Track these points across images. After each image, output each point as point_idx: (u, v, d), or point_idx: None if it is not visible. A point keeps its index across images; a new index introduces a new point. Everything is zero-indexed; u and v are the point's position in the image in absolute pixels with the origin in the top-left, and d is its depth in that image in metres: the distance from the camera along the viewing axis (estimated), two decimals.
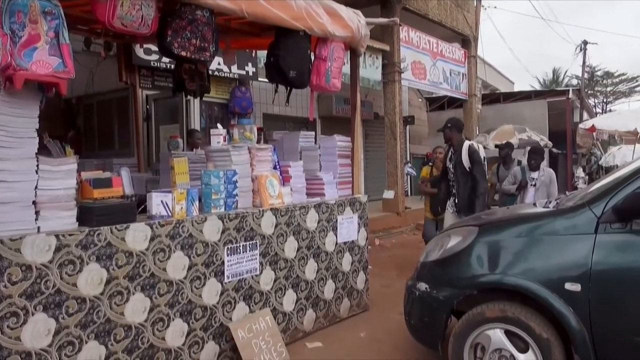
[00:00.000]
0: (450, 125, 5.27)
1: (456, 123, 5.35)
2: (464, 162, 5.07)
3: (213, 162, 3.55)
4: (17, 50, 2.24)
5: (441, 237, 3.24)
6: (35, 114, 2.48)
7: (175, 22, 3.22)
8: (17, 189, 2.39)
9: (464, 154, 5.08)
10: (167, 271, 2.90)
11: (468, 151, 5.08)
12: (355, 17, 4.24)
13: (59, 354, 2.44)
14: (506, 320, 2.69)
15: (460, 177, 5.13)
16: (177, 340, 2.97)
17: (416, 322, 3.11)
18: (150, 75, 6.80)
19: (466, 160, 5.07)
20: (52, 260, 2.41)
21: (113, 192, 2.89)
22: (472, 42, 13.05)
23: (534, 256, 2.70)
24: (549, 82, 36.05)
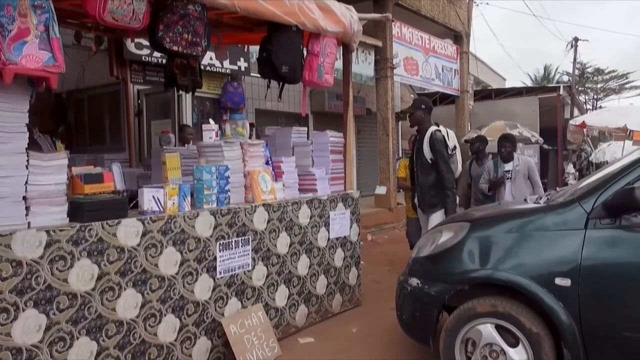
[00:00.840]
0: (424, 107, 4.55)
1: (428, 104, 4.66)
2: (424, 151, 4.40)
3: (205, 157, 3.53)
4: (6, 45, 2.21)
5: (433, 233, 3.26)
6: (25, 108, 2.45)
7: (167, 16, 3.20)
8: (7, 184, 2.37)
9: (425, 142, 4.41)
10: (159, 267, 2.89)
11: (429, 139, 4.39)
12: (347, 13, 4.23)
13: (50, 350, 2.42)
14: (497, 315, 2.71)
15: (419, 169, 4.53)
16: (169, 335, 2.96)
17: (408, 318, 3.13)
18: (141, 70, 6.75)
19: (427, 149, 4.41)
20: (42, 256, 2.40)
21: (104, 187, 2.88)
22: (464, 39, 13.08)
23: (525, 251, 2.72)
24: (540, 79, 36.23)
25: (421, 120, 4.53)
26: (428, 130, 4.42)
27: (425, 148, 4.38)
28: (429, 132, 4.37)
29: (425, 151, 4.40)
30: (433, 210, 4.48)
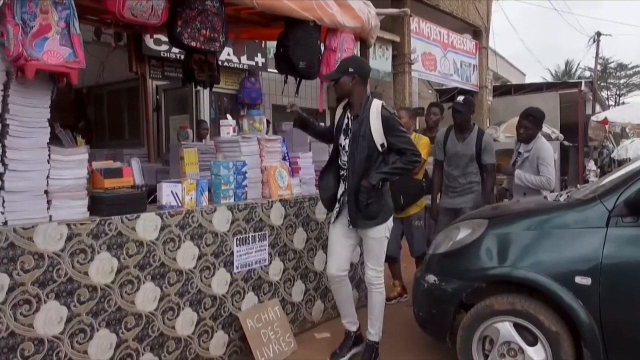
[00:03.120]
0: (353, 70, 3.09)
1: (361, 65, 3.20)
2: (372, 129, 3.04)
3: (222, 153, 3.55)
4: (28, 41, 2.25)
5: (450, 230, 3.23)
6: (47, 104, 2.49)
7: (185, 12, 3.22)
8: (29, 178, 2.42)
9: (373, 119, 3.05)
10: (177, 261, 2.92)
11: (381, 114, 3.05)
12: (365, 8, 4.21)
13: (70, 342, 2.47)
14: (515, 313, 2.68)
15: (357, 155, 3.08)
16: (187, 329, 2.99)
17: (424, 314, 3.11)
18: (160, 65, 6.81)
19: (377, 131, 3.04)
20: (63, 249, 2.44)
21: (123, 182, 2.91)
22: (484, 34, 12.91)
23: (544, 249, 2.69)
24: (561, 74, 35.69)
25: (349, 89, 3.12)
26: (370, 103, 3.11)
27: (375, 128, 3.04)
28: (374, 106, 3.08)
29: (373, 132, 3.04)
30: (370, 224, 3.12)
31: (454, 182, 4.34)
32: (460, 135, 4.34)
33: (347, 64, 3.16)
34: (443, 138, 4.44)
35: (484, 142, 4.28)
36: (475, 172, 4.31)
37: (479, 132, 4.34)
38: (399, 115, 4.49)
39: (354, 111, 3.15)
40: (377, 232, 3.15)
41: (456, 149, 4.32)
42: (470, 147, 4.28)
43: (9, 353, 2.26)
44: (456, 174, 4.33)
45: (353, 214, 3.13)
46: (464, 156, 4.29)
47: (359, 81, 3.12)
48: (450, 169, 4.38)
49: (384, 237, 3.20)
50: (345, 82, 3.11)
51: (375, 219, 3.12)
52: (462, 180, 4.31)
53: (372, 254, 3.21)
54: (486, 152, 4.27)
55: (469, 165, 4.29)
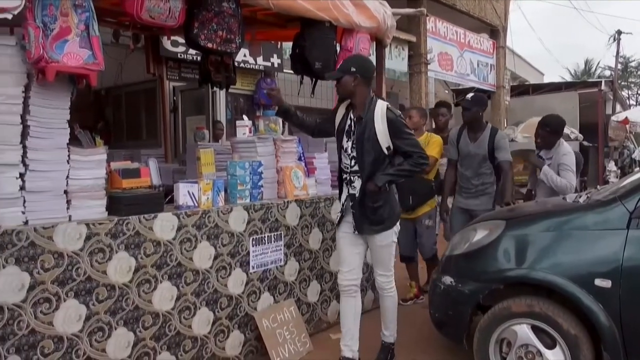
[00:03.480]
0: (355, 70, 2.95)
1: (364, 65, 3.04)
2: (377, 132, 2.93)
3: (239, 153, 3.57)
4: (49, 43, 2.28)
5: (467, 231, 3.21)
6: (67, 105, 2.53)
7: (202, 14, 3.24)
8: (49, 179, 2.46)
9: (378, 121, 2.93)
10: (193, 260, 2.94)
11: (387, 117, 2.93)
12: (381, 8, 4.20)
13: (89, 340, 2.50)
14: (533, 316, 2.65)
15: (363, 158, 2.97)
16: (203, 328, 3.01)
17: (441, 316, 3.09)
18: (177, 67, 6.89)
19: (382, 133, 2.93)
20: (82, 248, 2.47)
21: (141, 182, 2.94)
22: (501, 33, 12.80)
23: (563, 251, 2.65)
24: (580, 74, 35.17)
25: (352, 89, 2.99)
26: (375, 104, 2.98)
27: (380, 130, 2.93)
28: (378, 107, 2.96)
29: (378, 135, 2.93)
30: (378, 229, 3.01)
31: (467, 182, 4.24)
32: (473, 134, 4.20)
33: (350, 63, 3.03)
34: (456, 137, 4.31)
35: (496, 139, 4.11)
36: (489, 173, 4.16)
37: (491, 130, 4.18)
38: (410, 115, 4.50)
39: (356, 112, 3.02)
40: (384, 239, 3.04)
41: (468, 149, 4.19)
42: (483, 147, 4.13)
43: (29, 350, 2.30)
44: (469, 175, 4.22)
45: (358, 219, 3.02)
46: (476, 156, 4.15)
47: (362, 81, 2.98)
48: (463, 169, 4.27)
49: (392, 242, 3.09)
50: (347, 82, 2.98)
51: (382, 224, 3.01)
52: (475, 181, 4.18)
53: (381, 260, 3.11)
54: (500, 149, 4.09)
55: (482, 165, 4.15)
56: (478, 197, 4.18)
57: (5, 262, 2.22)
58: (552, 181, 3.93)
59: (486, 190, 4.17)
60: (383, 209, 3.00)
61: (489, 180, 4.17)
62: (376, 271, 3.18)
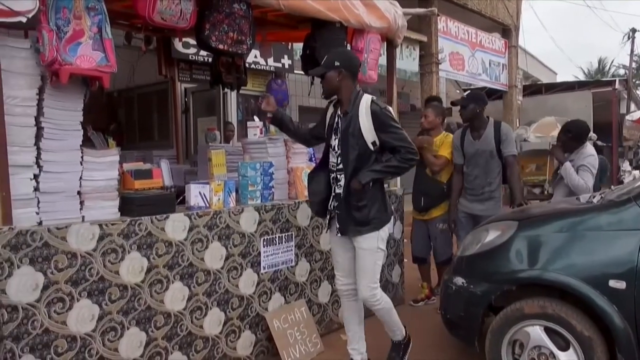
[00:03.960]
0: (340, 64, 2.84)
1: (348, 58, 2.94)
2: (362, 128, 2.81)
3: (250, 154, 3.59)
4: (62, 46, 2.31)
5: (478, 232, 3.19)
6: (80, 107, 2.56)
7: (213, 15, 3.26)
8: (62, 180, 2.48)
9: (362, 115, 2.82)
10: (205, 261, 2.96)
11: (371, 110, 2.81)
12: (392, 8, 4.19)
13: (102, 339, 2.52)
14: (546, 317, 2.62)
15: (347, 155, 2.85)
16: (215, 328, 3.03)
17: (452, 317, 3.07)
18: (188, 68, 6.93)
19: (366, 127, 2.81)
20: (95, 248, 2.49)
21: (153, 183, 2.96)
22: (513, 32, 12.69)
23: (576, 252, 2.63)
24: (594, 73, 34.78)
25: (336, 84, 2.87)
26: (360, 98, 2.86)
27: (365, 124, 2.81)
28: (363, 101, 2.84)
29: (363, 130, 2.81)
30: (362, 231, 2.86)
31: (474, 183, 4.09)
32: (476, 132, 4.06)
33: (333, 57, 2.90)
34: (459, 140, 4.16)
35: (502, 133, 3.98)
36: (498, 172, 4.03)
37: (495, 124, 4.04)
38: (425, 114, 4.45)
39: (343, 108, 2.91)
40: (368, 242, 2.85)
41: (475, 148, 4.05)
42: (489, 142, 4.00)
43: (43, 349, 2.33)
44: (476, 173, 4.07)
45: (343, 219, 2.88)
46: (483, 153, 4.01)
47: (347, 75, 2.86)
48: (469, 170, 4.11)
49: (377, 248, 2.87)
50: (332, 77, 2.86)
51: (367, 225, 2.83)
52: (482, 181, 4.04)
53: (363, 268, 2.88)
54: (506, 142, 3.97)
55: (490, 162, 4.01)
56: (483, 201, 4.04)
57: (20, 262, 2.25)
58: (569, 178, 3.86)
59: (493, 193, 4.03)
60: (369, 209, 2.84)
61: (496, 181, 4.03)
62: (358, 281, 2.92)
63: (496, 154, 4.01)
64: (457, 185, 4.22)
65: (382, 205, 2.90)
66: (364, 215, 2.84)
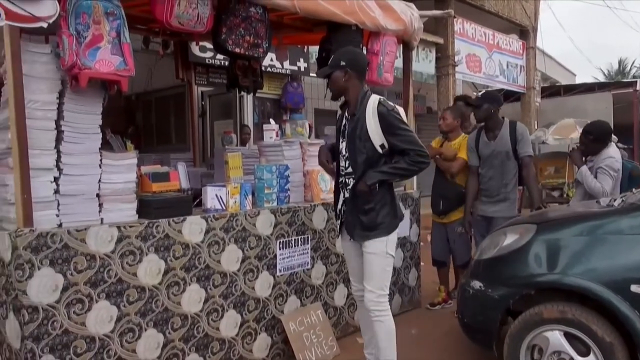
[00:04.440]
0: (345, 64, 2.75)
1: (354, 57, 2.82)
2: (368, 129, 2.70)
3: (266, 157, 3.60)
4: (82, 50, 2.34)
5: (496, 235, 3.15)
6: (99, 110, 2.59)
7: (230, 19, 3.28)
8: (82, 182, 2.52)
9: (369, 117, 2.71)
10: (221, 263, 2.97)
11: (378, 111, 2.70)
12: (408, 10, 4.17)
13: (120, 340, 2.55)
14: (566, 322, 2.58)
15: (355, 158, 2.77)
16: (231, 330, 3.04)
17: (470, 321, 3.04)
18: (205, 72, 6.97)
19: (373, 129, 2.70)
20: (114, 250, 2.52)
21: (170, 185, 2.99)
22: (531, 33, 12.58)
23: (597, 256, 2.58)
24: (614, 74, 34.22)
25: (344, 85, 2.79)
26: (367, 99, 2.76)
27: (372, 127, 2.70)
28: (370, 102, 2.74)
29: (370, 133, 2.71)
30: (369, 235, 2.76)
31: (488, 184, 4.03)
32: (491, 133, 3.99)
33: (339, 57, 2.80)
34: (474, 141, 4.09)
35: (518, 133, 3.91)
36: (514, 174, 3.96)
37: (510, 124, 3.97)
38: (443, 116, 4.42)
39: (350, 110, 2.81)
40: (375, 246, 2.75)
41: (490, 149, 3.98)
42: (504, 142, 3.93)
43: (62, 350, 2.36)
44: (491, 175, 4.01)
45: (350, 224, 2.81)
46: (499, 154, 3.94)
47: (354, 75, 2.76)
48: (484, 171, 4.04)
49: (384, 253, 2.76)
50: (338, 77, 2.77)
51: (374, 230, 2.73)
52: (498, 182, 3.97)
53: (370, 272, 2.77)
54: (522, 142, 3.89)
55: (505, 163, 3.95)
56: (498, 203, 3.98)
57: (40, 263, 2.29)
58: (586, 182, 3.81)
59: (508, 195, 3.96)
60: (376, 212, 2.73)
61: (512, 182, 3.97)
62: (365, 285, 2.81)
63: (512, 154, 3.95)
64: (472, 188, 4.16)
65: (391, 210, 2.79)
66: (371, 219, 2.74)
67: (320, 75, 2.99)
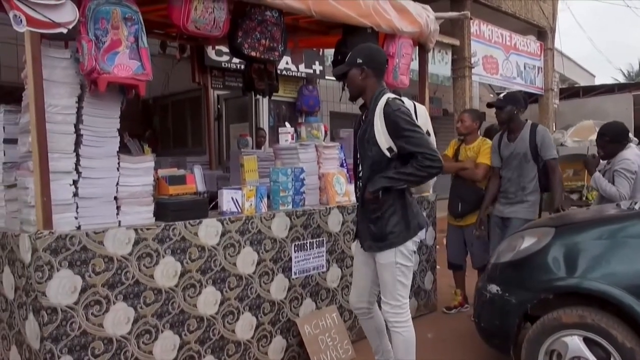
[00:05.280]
0: (362, 61, 2.63)
1: (371, 54, 2.68)
2: (375, 131, 2.57)
3: (281, 160, 3.61)
4: (100, 55, 2.37)
5: (514, 238, 3.12)
6: (117, 114, 2.63)
7: (246, 23, 3.30)
8: (100, 185, 2.55)
9: (377, 118, 2.57)
10: (237, 266, 2.98)
11: (383, 111, 2.55)
12: (423, 12, 4.16)
13: (137, 342, 2.57)
14: (585, 327, 2.54)
15: (363, 163, 2.70)
16: (247, 333, 3.05)
17: (487, 326, 3.01)
18: (221, 75, 7.03)
19: (380, 130, 2.55)
20: (131, 252, 2.55)
21: (187, 188, 3.01)
22: (549, 34, 12.43)
23: (617, 260, 2.54)
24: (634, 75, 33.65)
25: (360, 85, 2.67)
26: (379, 98, 2.60)
27: (378, 128, 2.56)
28: (380, 102, 2.58)
29: (377, 135, 2.56)
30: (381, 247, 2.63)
31: (506, 185, 4.01)
32: (512, 135, 3.98)
33: (355, 54, 2.66)
34: (497, 143, 4.10)
35: (538, 135, 3.86)
36: (532, 177, 3.90)
37: (532, 126, 3.94)
38: (461, 118, 4.38)
39: (367, 111, 2.67)
40: (385, 257, 2.62)
41: (509, 150, 3.97)
42: (523, 144, 3.89)
43: (81, 351, 2.39)
44: (509, 176, 3.99)
45: (362, 233, 2.72)
46: (517, 155, 3.91)
47: (371, 73, 2.62)
48: (504, 172, 4.03)
49: (394, 263, 2.60)
50: (354, 75, 2.64)
51: (384, 241, 2.59)
52: (515, 184, 3.93)
53: (383, 284, 2.66)
54: (544, 146, 3.85)
55: (523, 164, 3.91)
56: (514, 204, 3.94)
57: (60, 265, 2.32)
58: (601, 188, 3.76)
59: (526, 197, 3.91)
60: (385, 221, 2.59)
61: (530, 184, 3.90)
62: (382, 298, 2.72)
63: (531, 157, 3.91)
64: (492, 189, 4.13)
65: (402, 219, 2.61)
66: (380, 228, 2.61)
67: (337, 73, 2.91)
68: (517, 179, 3.95)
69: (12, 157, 2.66)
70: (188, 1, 2.82)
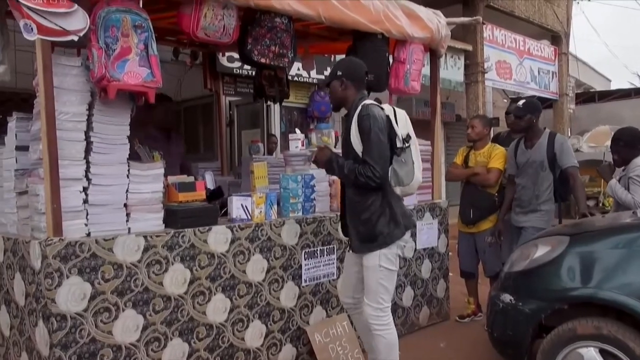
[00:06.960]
0: (342, 73, 2.80)
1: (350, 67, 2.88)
2: (352, 137, 2.72)
3: (291, 166, 3.59)
4: (110, 63, 2.39)
5: (527, 247, 3.06)
6: (127, 121, 2.63)
7: (255, 30, 3.30)
8: (110, 192, 2.56)
9: (354, 121, 2.72)
10: (246, 273, 2.97)
11: (357, 117, 2.69)
12: (435, 18, 4.13)
13: (146, 349, 2.57)
14: (601, 338, 2.48)
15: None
16: (256, 341, 3.03)
17: (500, 336, 2.95)
18: (232, 82, 7.05)
19: (355, 136, 2.70)
20: (140, 259, 2.55)
21: (197, 195, 3.00)
22: (563, 39, 12.30)
23: (634, 270, 2.48)
24: None
25: (341, 95, 2.84)
26: (358, 105, 2.74)
27: (354, 135, 2.70)
28: (359, 107, 2.71)
29: (352, 139, 2.72)
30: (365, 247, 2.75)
31: (520, 192, 3.96)
32: (529, 142, 3.94)
33: (336, 67, 2.89)
34: (513, 150, 4.06)
35: (557, 143, 3.82)
36: (547, 186, 3.85)
37: (549, 135, 3.91)
38: (472, 124, 4.35)
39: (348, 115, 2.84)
40: (368, 259, 2.72)
41: (526, 157, 3.92)
42: (540, 152, 3.85)
43: (89, 358, 2.39)
44: (524, 183, 3.94)
45: (351, 235, 2.85)
46: (534, 163, 3.87)
47: (350, 84, 2.79)
48: (519, 180, 3.99)
49: (379, 267, 2.69)
50: (335, 87, 2.83)
51: (370, 242, 2.70)
52: (530, 192, 3.88)
53: (367, 286, 2.75)
54: (563, 154, 3.80)
55: (539, 172, 3.86)
56: (527, 213, 3.89)
57: (69, 272, 2.33)
58: (617, 196, 3.69)
59: (539, 206, 3.85)
60: (370, 224, 2.69)
61: (546, 193, 3.86)
62: (365, 299, 2.80)
63: (547, 166, 3.85)
64: (509, 196, 4.10)
65: (391, 218, 2.71)
66: (365, 230, 2.72)
67: (321, 85, 3.12)
68: (531, 187, 3.91)
69: (24, 164, 2.67)
70: (198, 9, 2.83)
